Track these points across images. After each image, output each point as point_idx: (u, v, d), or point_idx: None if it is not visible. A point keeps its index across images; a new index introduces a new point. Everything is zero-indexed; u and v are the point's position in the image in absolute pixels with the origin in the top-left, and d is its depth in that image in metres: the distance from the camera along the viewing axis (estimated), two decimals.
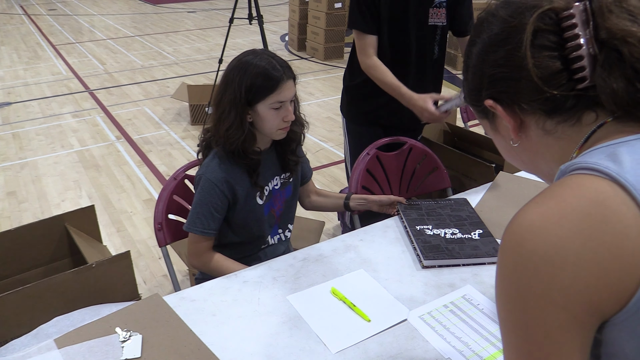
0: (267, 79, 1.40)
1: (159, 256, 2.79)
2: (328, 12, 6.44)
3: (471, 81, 0.75)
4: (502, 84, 0.69)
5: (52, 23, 9.37)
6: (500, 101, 0.71)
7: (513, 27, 0.67)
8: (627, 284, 0.54)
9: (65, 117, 4.82)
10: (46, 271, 1.92)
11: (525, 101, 0.68)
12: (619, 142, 0.61)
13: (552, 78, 0.64)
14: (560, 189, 0.60)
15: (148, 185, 3.56)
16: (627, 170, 0.56)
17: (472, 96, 0.76)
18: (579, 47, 0.62)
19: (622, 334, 0.57)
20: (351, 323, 1.20)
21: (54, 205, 3.29)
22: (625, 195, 0.55)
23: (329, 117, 4.82)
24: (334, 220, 3.13)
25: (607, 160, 0.58)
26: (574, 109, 0.65)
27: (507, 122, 0.71)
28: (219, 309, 1.25)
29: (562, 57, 0.64)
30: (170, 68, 6.51)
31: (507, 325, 0.61)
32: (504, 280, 0.61)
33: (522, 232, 0.58)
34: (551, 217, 0.57)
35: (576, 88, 0.63)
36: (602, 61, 0.61)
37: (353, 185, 1.96)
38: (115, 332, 1.14)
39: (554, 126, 0.67)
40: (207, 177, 1.47)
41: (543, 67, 0.64)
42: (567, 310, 0.56)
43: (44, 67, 6.48)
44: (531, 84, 0.65)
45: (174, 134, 4.41)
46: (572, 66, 0.63)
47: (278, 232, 1.69)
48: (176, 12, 10.70)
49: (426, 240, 1.45)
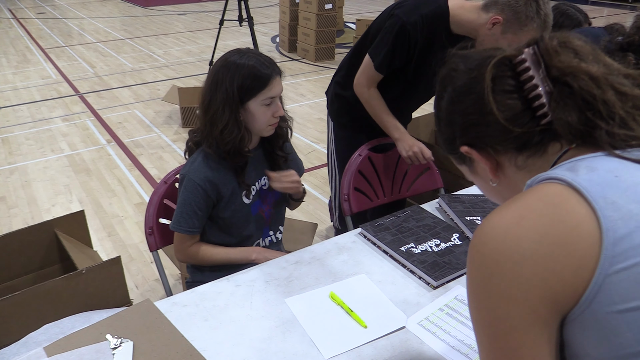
0: (258, 77, 1.42)
1: (151, 260, 2.76)
2: (319, 13, 6.44)
3: (445, 132, 0.82)
4: (473, 130, 0.76)
5: (41, 26, 9.31)
6: (475, 146, 0.77)
7: (474, 78, 0.74)
8: (580, 278, 0.59)
9: (55, 121, 4.79)
10: (35, 278, 1.90)
11: (497, 142, 0.74)
12: (578, 159, 0.67)
13: (516, 118, 0.71)
14: (521, 196, 0.66)
15: (139, 189, 3.54)
16: (581, 177, 0.62)
17: (448, 145, 0.82)
18: (536, 86, 0.69)
19: (579, 332, 0.61)
20: (347, 329, 1.19)
21: (44, 211, 3.26)
22: (579, 197, 0.61)
23: (320, 118, 4.81)
24: (326, 221, 3.13)
25: (565, 171, 0.65)
26: (540, 143, 0.71)
27: (484, 164, 0.77)
28: (211, 314, 1.23)
29: (522, 97, 0.71)
30: (161, 71, 6.48)
31: (478, 324, 0.66)
32: (471, 281, 0.66)
33: (486, 234, 0.64)
34: (512, 218, 0.63)
35: (540, 124, 0.70)
36: (556, 96, 0.68)
37: (345, 186, 1.95)
38: (106, 339, 1.13)
39: (524, 161, 0.74)
40: (189, 177, 1.49)
41: (507, 109, 0.71)
42: (527, 305, 0.60)
43: (33, 71, 6.43)
44: (499, 126, 0.72)
45: (165, 137, 4.39)
46: (533, 104, 0.70)
47: (269, 234, 1.69)
48: (166, 15, 10.66)
49: (421, 260, 1.41)
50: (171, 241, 1.70)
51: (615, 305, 0.57)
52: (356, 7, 11.51)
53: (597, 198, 0.60)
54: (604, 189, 0.61)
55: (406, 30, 1.81)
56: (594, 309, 0.58)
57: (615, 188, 0.61)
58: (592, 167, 0.64)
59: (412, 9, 1.82)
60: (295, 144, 4.23)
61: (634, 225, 0.58)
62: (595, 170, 0.63)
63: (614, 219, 0.59)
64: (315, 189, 3.53)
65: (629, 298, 0.57)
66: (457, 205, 1.67)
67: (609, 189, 0.61)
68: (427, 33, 1.83)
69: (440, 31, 1.84)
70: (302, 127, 4.63)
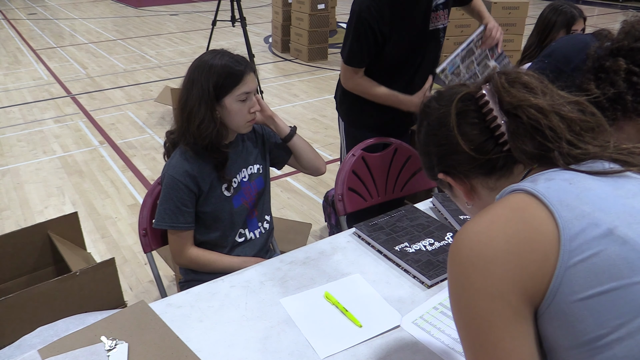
0: (231, 73, 1.48)
1: (145, 262, 2.76)
2: (311, 13, 6.44)
3: (424, 161, 0.93)
4: (447, 159, 0.86)
5: (33, 27, 9.25)
6: (450, 173, 0.88)
7: (443, 114, 0.85)
8: (545, 272, 0.66)
9: (47, 122, 4.76)
10: (29, 280, 1.89)
11: (467, 169, 0.85)
12: (539, 173, 0.76)
13: (481, 146, 0.81)
14: (491, 206, 0.74)
15: (132, 190, 3.53)
16: (540, 186, 0.71)
17: (428, 172, 0.93)
18: (495, 117, 0.80)
19: (549, 323, 0.67)
20: (342, 328, 1.19)
21: (37, 213, 3.24)
22: (538, 203, 0.69)
23: (314, 119, 4.81)
24: (320, 221, 3.13)
25: (527, 182, 0.74)
26: (506, 166, 0.81)
27: (459, 189, 0.88)
28: (206, 314, 1.23)
29: (485, 128, 0.81)
30: (154, 71, 6.46)
31: (460, 323, 0.72)
32: (451, 283, 0.73)
33: (462, 240, 0.72)
34: (483, 224, 0.71)
35: (503, 150, 0.80)
36: (511, 127, 0.78)
37: (339, 186, 1.95)
38: (100, 341, 1.12)
39: (494, 183, 0.84)
40: (169, 174, 1.52)
41: (472, 140, 0.81)
42: (503, 299, 0.67)
43: (25, 72, 6.39)
44: (467, 155, 0.82)
45: (158, 138, 4.38)
46: (495, 134, 0.80)
47: (257, 225, 1.71)
48: (158, 15, 10.62)
49: (415, 259, 1.41)
50: (165, 242, 1.69)
51: (576, 294, 0.64)
52: (349, 7, 11.51)
53: (554, 202, 0.68)
54: (560, 194, 0.69)
55: (362, 18, 1.84)
56: (559, 300, 0.65)
57: (569, 193, 0.69)
58: (549, 178, 0.73)
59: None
60: None
61: (586, 223, 0.66)
62: (552, 180, 0.72)
63: (569, 219, 0.67)
64: (309, 190, 3.54)
65: (588, 286, 0.63)
66: (451, 204, 1.67)
67: (564, 194, 0.69)
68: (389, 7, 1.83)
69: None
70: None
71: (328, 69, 6.50)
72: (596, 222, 0.66)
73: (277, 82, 5.98)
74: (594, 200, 0.68)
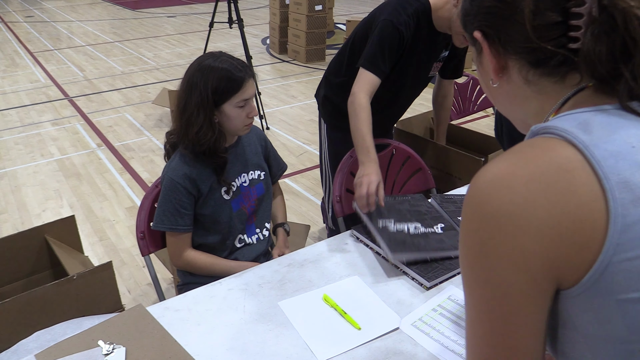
0: (231, 80, 1.47)
1: (143, 264, 2.75)
2: (309, 14, 6.44)
3: (465, 7, 0.71)
4: (494, 19, 0.66)
5: (30, 30, 9.24)
6: (488, 37, 0.68)
7: None
8: (585, 258, 0.55)
9: (45, 125, 4.75)
10: (26, 284, 1.89)
11: (512, 46, 0.65)
12: (594, 109, 0.59)
13: (545, 29, 0.61)
14: (529, 149, 0.58)
15: (130, 193, 3.52)
16: (595, 143, 0.56)
17: (465, 19, 0.72)
18: (582, 3, 0.59)
19: (575, 307, 0.58)
20: (341, 331, 1.19)
21: (35, 216, 3.23)
22: (590, 170, 0.55)
23: (312, 120, 4.80)
24: (319, 223, 3.12)
25: (578, 129, 0.57)
26: (558, 67, 0.63)
27: (489, 60, 0.69)
28: (204, 318, 1.23)
29: (563, 10, 0.60)
30: (151, 73, 6.46)
31: (469, 281, 0.61)
32: (468, 236, 0.60)
33: (488, 187, 0.58)
34: (519, 176, 0.56)
35: (566, 46, 0.61)
36: (597, 25, 0.59)
37: (337, 188, 1.95)
38: (98, 345, 1.12)
39: (536, 78, 0.66)
40: (169, 176, 1.53)
41: (540, 15, 0.61)
42: (527, 273, 0.56)
43: (22, 75, 6.38)
44: (522, 29, 0.62)
45: (155, 140, 4.37)
46: (569, 21, 0.60)
47: (255, 231, 1.71)
48: (156, 17, 10.62)
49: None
50: (163, 245, 1.69)
51: (614, 294, 0.54)
52: (346, 8, 11.54)
53: (610, 174, 0.54)
54: (618, 162, 0.54)
55: (398, 31, 1.81)
56: (593, 293, 0.55)
57: (631, 162, 0.54)
58: (609, 130, 0.57)
59: (398, 9, 1.82)
60: (287, 145, 4.23)
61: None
62: (612, 135, 0.56)
63: (625, 203, 0.53)
64: (307, 191, 3.53)
65: (629, 289, 0.54)
66: (449, 205, 1.67)
67: (623, 162, 0.54)
68: (414, 31, 1.85)
69: (423, 27, 1.86)
70: (293, 128, 4.63)
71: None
72: None
73: (275, 84, 5.98)
74: None
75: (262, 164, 1.71)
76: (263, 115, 4.55)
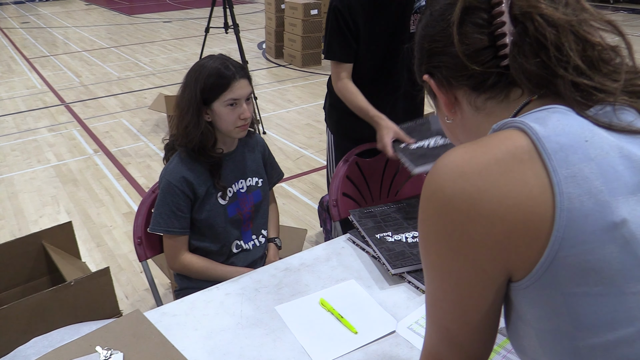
0: (219, 78, 1.48)
1: (141, 270, 2.75)
2: (304, 19, 6.46)
3: (416, 58, 0.76)
4: (435, 58, 0.71)
5: (26, 36, 9.24)
6: (434, 76, 0.72)
7: (450, 5, 0.68)
8: (533, 250, 0.55)
9: (41, 131, 4.75)
10: (23, 291, 1.89)
11: (453, 76, 0.69)
12: (548, 108, 0.60)
13: (476, 54, 0.65)
14: (487, 139, 0.60)
15: (127, 199, 3.52)
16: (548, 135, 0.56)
17: (417, 72, 0.77)
18: (503, 23, 0.63)
19: (525, 300, 0.59)
20: (338, 335, 1.19)
21: (32, 222, 3.23)
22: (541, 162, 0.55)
23: (309, 124, 4.82)
24: (316, 227, 3.13)
25: (534, 122, 0.58)
26: (498, 86, 0.66)
27: (439, 97, 0.73)
28: (201, 323, 1.23)
29: (490, 34, 0.64)
30: (147, 79, 6.46)
31: (426, 265, 0.64)
32: (422, 222, 0.62)
33: (445, 175, 0.59)
34: (474, 164, 0.57)
35: (500, 65, 0.64)
36: (516, 37, 0.62)
37: (333, 192, 1.96)
38: (95, 351, 1.12)
39: (483, 103, 0.68)
40: (166, 179, 1.54)
41: (469, 43, 0.65)
42: (477, 263, 0.58)
43: (18, 81, 6.38)
44: (458, 60, 0.66)
45: (152, 146, 4.37)
46: (497, 43, 0.63)
47: (252, 237, 1.71)
48: (152, 23, 10.63)
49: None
50: (160, 250, 1.69)
51: (560, 288, 0.55)
52: None
53: (558, 167, 0.54)
54: (569, 155, 0.55)
55: (335, 8, 1.87)
56: (540, 286, 0.56)
57: (581, 156, 0.55)
58: (564, 123, 0.57)
59: None
60: (284, 150, 4.24)
61: (592, 206, 0.53)
62: (567, 128, 0.57)
63: (572, 197, 0.54)
64: (304, 195, 3.54)
65: (574, 284, 0.54)
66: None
67: (574, 156, 0.55)
68: None
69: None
70: (290, 133, 4.63)
71: (322, 74, 6.51)
72: (602, 208, 0.53)
73: (271, 88, 5.99)
74: (609, 173, 0.54)
75: (260, 171, 1.72)
76: (259, 120, 4.56)
